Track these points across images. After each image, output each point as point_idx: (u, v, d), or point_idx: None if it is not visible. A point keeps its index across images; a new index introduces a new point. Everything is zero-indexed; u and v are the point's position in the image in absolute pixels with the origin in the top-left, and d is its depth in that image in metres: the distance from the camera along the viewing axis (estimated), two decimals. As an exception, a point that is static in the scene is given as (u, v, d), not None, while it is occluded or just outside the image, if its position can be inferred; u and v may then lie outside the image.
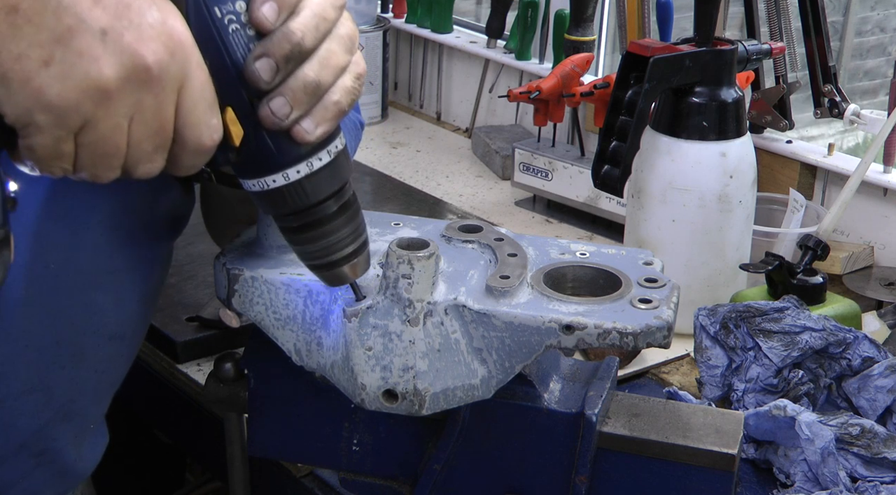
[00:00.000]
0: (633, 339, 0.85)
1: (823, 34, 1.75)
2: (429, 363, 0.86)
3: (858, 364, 1.24)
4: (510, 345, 0.87)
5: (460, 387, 0.87)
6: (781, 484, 1.16)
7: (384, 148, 2.11)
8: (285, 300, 0.90)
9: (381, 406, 0.87)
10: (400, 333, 0.86)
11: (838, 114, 1.75)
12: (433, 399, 0.87)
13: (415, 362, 0.86)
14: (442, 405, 0.88)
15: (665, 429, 0.93)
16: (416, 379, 0.86)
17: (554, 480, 0.93)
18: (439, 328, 0.86)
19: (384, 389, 0.87)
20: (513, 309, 0.86)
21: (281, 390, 0.97)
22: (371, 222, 0.95)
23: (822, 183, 1.76)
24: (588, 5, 1.95)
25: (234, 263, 0.91)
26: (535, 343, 0.86)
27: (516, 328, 0.86)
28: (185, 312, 1.43)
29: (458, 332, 0.86)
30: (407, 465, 0.96)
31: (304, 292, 0.89)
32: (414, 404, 0.87)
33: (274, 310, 0.90)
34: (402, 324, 0.85)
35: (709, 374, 1.27)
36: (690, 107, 1.42)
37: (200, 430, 1.38)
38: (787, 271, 1.39)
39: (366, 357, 0.86)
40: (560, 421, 0.91)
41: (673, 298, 0.89)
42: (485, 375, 0.88)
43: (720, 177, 1.42)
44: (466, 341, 0.87)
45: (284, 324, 0.91)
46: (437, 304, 0.86)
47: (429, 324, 0.86)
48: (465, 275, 0.89)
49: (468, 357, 0.87)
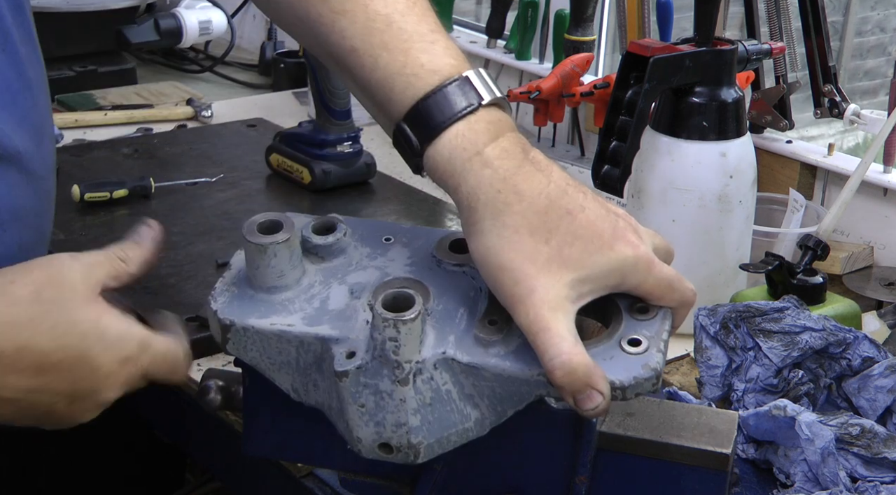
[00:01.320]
0: (622, 393, 0.84)
1: (823, 34, 1.75)
2: (421, 418, 0.86)
3: (858, 364, 1.24)
4: (500, 394, 0.86)
5: (454, 433, 0.87)
6: (781, 484, 1.16)
7: (384, 148, 2.10)
8: (278, 348, 0.90)
9: (378, 456, 0.88)
10: (391, 392, 0.85)
11: (838, 114, 1.75)
12: (428, 449, 0.87)
13: (407, 419, 0.85)
14: (437, 452, 0.88)
15: (659, 429, 0.93)
16: (410, 434, 0.86)
17: (554, 480, 0.93)
18: (429, 383, 0.85)
19: (379, 443, 0.87)
20: (502, 360, 0.85)
21: (276, 388, 0.96)
22: (362, 238, 0.95)
23: (822, 183, 1.76)
24: (588, 5, 1.95)
25: (224, 312, 0.91)
26: (525, 392, 0.86)
27: (505, 380, 0.85)
28: (185, 312, 1.42)
29: (449, 383, 0.86)
30: (404, 465, 0.96)
31: (296, 343, 0.89)
32: (409, 455, 0.87)
33: (268, 356, 0.90)
34: (391, 384, 0.84)
35: (709, 374, 1.27)
36: (690, 107, 1.42)
37: (200, 430, 1.38)
38: (787, 271, 1.39)
39: (359, 413, 0.86)
40: (560, 421, 0.91)
41: (663, 334, 0.87)
42: (478, 418, 0.87)
43: (720, 177, 1.42)
44: (458, 390, 0.86)
45: (280, 367, 0.91)
46: (426, 361, 0.85)
47: (419, 381, 0.85)
48: (454, 315, 0.88)
49: (460, 404, 0.86)
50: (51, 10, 2.20)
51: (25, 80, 1.04)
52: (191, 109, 2.19)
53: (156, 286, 1.50)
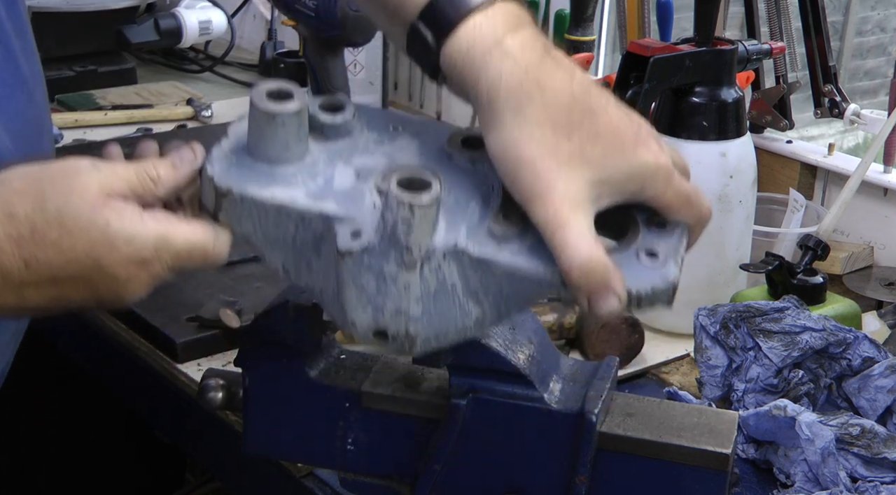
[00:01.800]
0: (637, 302, 0.81)
1: (823, 34, 1.75)
2: (422, 308, 0.82)
3: (858, 364, 1.24)
4: (507, 293, 0.83)
5: (453, 329, 0.84)
6: (781, 484, 1.16)
7: (384, 148, 2.11)
8: (276, 223, 0.85)
9: (371, 343, 0.84)
10: (395, 277, 0.81)
11: (838, 114, 1.75)
12: (424, 341, 0.84)
13: (408, 306, 0.82)
14: (433, 346, 0.85)
15: (659, 429, 0.93)
16: (409, 322, 0.83)
17: (554, 480, 0.93)
18: (436, 273, 0.82)
19: (375, 329, 0.84)
20: (515, 256, 0.82)
21: (275, 388, 0.96)
22: (369, 123, 0.91)
23: (822, 183, 1.76)
24: (588, 5, 1.95)
25: (221, 178, 0.85)
26: (533, 292, 0.83)
27: (516, 278, 0.82)
28: (185, 312, 1.43)
29: (455, 276, 0.82)
30: (403, 465, 0.96)
31: (296, 218, 0.84)
32: (404, 345, 0.84)
33: (263, 231, 0.85)
34: (397, 268, 0.81)
35: (709, 374, 1.27)
36: (690, 107, 1.42)
37: (200, 430, 1.38)
38: (787, 271, 1.39)
39: (357, 295, 0.82)
40: (560, 421, 0.91)
41: (681, 249, 0.84)
42: (479, 316, 0.84)
43: (720, 177, 1.42)
44: (463, 284, 0.83)
45: (274, 244, 0.86)
46: (436, 250, 0.81)
47: (426, 269, 0.81)
48: (465, 206, 0.84)
49: (463, 299, 0.83)
50: (51, 10, 2.20)
51: (20, 75, 1.04)
52: (191, 109, 2.19)
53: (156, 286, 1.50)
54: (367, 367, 0.99)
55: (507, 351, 0.91)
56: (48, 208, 0.81)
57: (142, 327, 1.43)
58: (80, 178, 0.82)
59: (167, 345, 1.39)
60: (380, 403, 0.96)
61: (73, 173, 0.83)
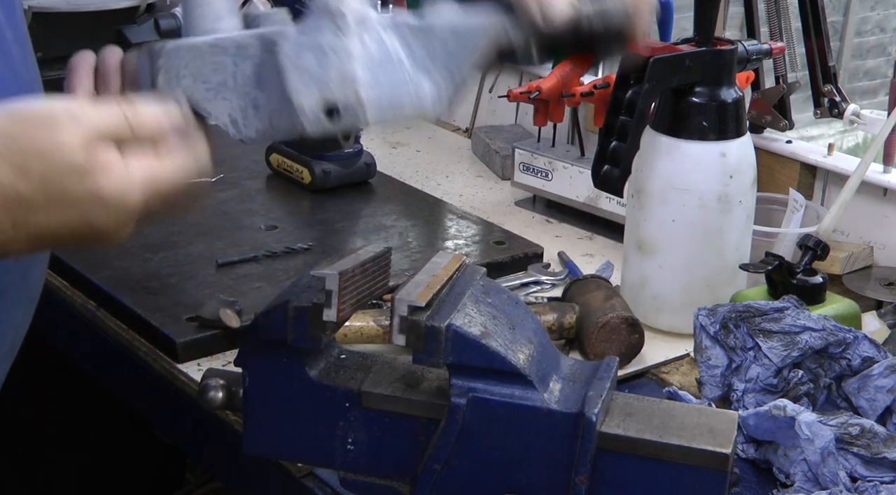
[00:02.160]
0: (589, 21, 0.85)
1: (823, 34, 1.75)
2: (370, 73, 0.83)
3: (858, 364, 1.24)
4: (455, 51, 0.84)
5: (406, 99, 0.84)
6: (781, 484, 1.16)
7: (384, 148, 2.11)
8: (213, 64, 0.86)
9: (324, 126, 0.84)
10: (334, 46, 0.83)
11: (838, 114, 1.75)
12: (377, 108, 0.84)
13: (354, 71, 0.83)
14: (389, 115, 0.85)
15: (659, 429, 0.93)
16: (357, 86, 0.83)
17: (554, 480, 0.93)
18: (379, 44, 0.83)
19: (324, 107, 0.84)
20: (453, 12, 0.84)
21: (275, 388, 0.97)
22: None
23: (822, 183, 1.76)
24: (588, 5, 1.94)
25: (156, 48, 0.87)
26: (480, 41, 0.84)
27: (460, 32, 0.84)
28: (185, 312, 1.43)
29: (399, 48, 0.84)
30: (403, 465, 0.96)
31: (233, 49, 0.86)
32: (356, 115, 0.84)
33: (203, 80, 0.86)
34: (334, 37, 0.82)
35: (709, 374, 1.27)
36: (690, 107, 1.42)
37: (200, 430, 1.38)
38: (787, 271, 1.39)
39: (300, 77, 0.83)
40: (560, 421, 0.91)
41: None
42: (432, 88, 0.85)
43: (720, 177, 1.42)
44: (408, 55, 0.84)
45: (216, 92, 0.87)
46: (371, 19, 0.83)
47: (366, 37, 0.83)
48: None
49: (413, 72, 0.84)
50: (51, 10, 2.20)
51: (21, 83, 1.04)
52: (191, 109, 2.19)
53: (156, 286, 1.50)
54: (367, 367, 0.99)
55: (507, 351, 0.91)
56: (31, 174, 0.79)
57: (142, 327, 1.43)
58: (60, 134, 0.80)
59: (167, 344, 1.39)
60: (380, 403, 0.96)
61: (51, 125, 0.80)
